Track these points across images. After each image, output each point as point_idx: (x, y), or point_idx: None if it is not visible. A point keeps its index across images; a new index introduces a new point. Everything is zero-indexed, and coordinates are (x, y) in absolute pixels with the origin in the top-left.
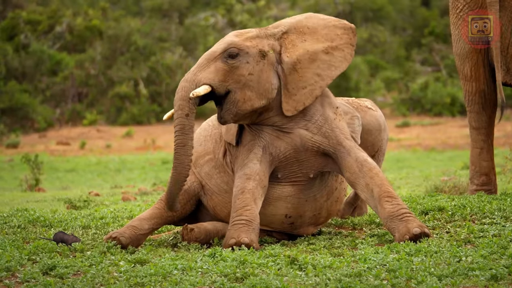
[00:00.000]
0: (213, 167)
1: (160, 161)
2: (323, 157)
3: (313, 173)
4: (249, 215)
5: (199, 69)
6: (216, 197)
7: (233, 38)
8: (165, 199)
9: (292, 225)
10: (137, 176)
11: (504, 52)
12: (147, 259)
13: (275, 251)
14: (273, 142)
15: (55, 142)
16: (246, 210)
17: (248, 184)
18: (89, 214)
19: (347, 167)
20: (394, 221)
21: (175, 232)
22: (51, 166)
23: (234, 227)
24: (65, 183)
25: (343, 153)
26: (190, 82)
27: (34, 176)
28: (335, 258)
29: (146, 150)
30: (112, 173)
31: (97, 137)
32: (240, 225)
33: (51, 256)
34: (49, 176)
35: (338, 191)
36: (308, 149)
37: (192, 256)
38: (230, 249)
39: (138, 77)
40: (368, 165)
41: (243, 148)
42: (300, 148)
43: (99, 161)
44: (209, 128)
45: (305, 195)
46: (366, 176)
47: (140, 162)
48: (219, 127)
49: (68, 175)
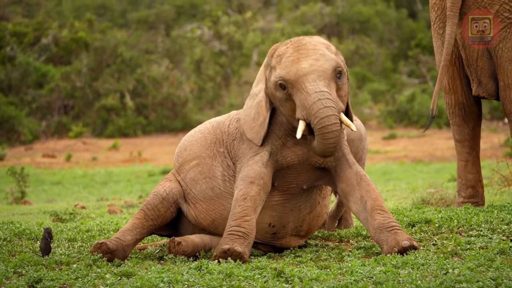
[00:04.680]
0: (199, 172)
1: (146, 173)
2: (322, 171)
3: (307, 185)
4: (247, 227)
5: (329, 89)
6: (200, 205)
7: (332, 55)
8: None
9: (274, 235)
10: (123, 189)
11: (474, 65)
12: (133, 272)
13: (261, 263)
14: (282, 150)
15: (41, 154)
16: (245, 221)
17: (251, 190)
18: (75, 227)
19: (345, 178)
20: (384, 232)
21: (161, 245)
22: (37, 178)
23: (230, 237)
24: (51, 195)
25: (345, 165)
26: (338, 110)
27: (20, 189)
28: (321, 270)
29: (132, 162)
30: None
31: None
32: (237, 236)
33: (37, 269)
34: (35, 188)
35: (320, 206)
36: (311, 163)
37: (178, 269)
38: (216, 262)
39: (124, 89)
40: (367, 180)
41: (250, 150)
42: (305, 161)
43: (85, 174)
44: (195, 134)
45: (291, 205)
46: (362, 189)
47: (126, 175)
48: (206, 132)
49: (54, 187)
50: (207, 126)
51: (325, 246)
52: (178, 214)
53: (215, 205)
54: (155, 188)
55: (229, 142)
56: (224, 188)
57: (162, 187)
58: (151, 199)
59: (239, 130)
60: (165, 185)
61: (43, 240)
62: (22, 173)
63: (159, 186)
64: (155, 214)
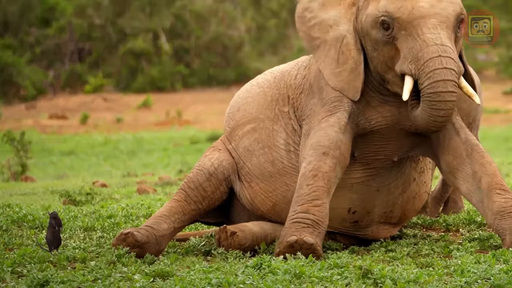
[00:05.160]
0: (256, 140)
1: (187, 140)
2: (418, 137)
3: (398, 156)
4: (317, 214)
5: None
6: (257, 184)
7: None
8: None
9: (356, 224)
10: (157, 161)
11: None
12: (171, 272)
13: (341, 260)
14: (365, 110)
15: (48, 115)
16: (315, 206)
17: (324, 164)
18: (93, 211)
19: (451, 148)
20: (506, 218)
21: (208, 236)
22: (43, 147)
23: (295, 226)
24: (61, 170)
25: (451, 131)
26: (458, 74)
27: (20, 161)
28: (422, 269)
29: (170, 125)
30: (124, 157)
31: (103, 108)
32: (304, 225)
33: (42, 268)
34: (40, 160)
35: (416, 184)
36: (404, 127)
37: (231, 268)
38: (281, 258)
39: (158, 28)
40: (479, 150)
41: (323, 108)
42: (395, 124)
43: (107, 141)
44: (251, 88)
45: (377, 183)
46: (475, 163)
47: (161, 142)
48: (267, 85)
49: (65, 159)
50: (268, 78)
51: (427, 237)
52: (229, 196)
53: (276, 184)
54: (200, 160)
55: (296, 97)
56: (288, 161)
57: (209, 159)
58: (195, 175)
59: (308, 79)
60: (213, 156)
61: (49, 229)
62: (23, 140)
63: (205, 158)
64: (200, 195)
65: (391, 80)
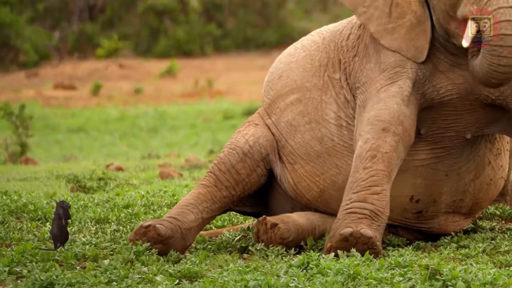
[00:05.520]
0: (300, 113)
1: (220, 114)
2: (496, 110)
3: (472, 133)
4: (377, 203)
5: None
6: (302, 166)
7: None
8: None
9: (420, 215)
10: (184, 140)
11: None
12: (200, 272)
13: (404, 258)
14: (432, 77)
15: (53, 84)
16: (374, 194)
17: (384, 142)
18: (107, 200)
19: None
20: None
21: (244, 229)
22: (47, 123)
23: (350, 217)
24: (68, 150)
25: None
26: None
27: (19, 140)
28: (500, 270)
29: (199, 97)
30: (144, 135)
31: (119, 77)
32: (361, 216)
33: (45, 267)
34: (43, 139)
35: (491, 168)
36: (479, 97)
37: (272, 267)
38: (332, 256)
39: None
40: None
41: (381, 74)
42: (469, 94)
43: (123, 115)
44: (295, 52)
45: (446, 167)
46: None
47: (189, 117)
48: (314, 48)
49: (73, 137)
50: (315, 39)
51: (506, 231)
52: (269, 180)
53: (325, 167)
54: (232, 137)
55: (348, 62)
56: (340, 138)
57: (243, 136)
58: (226, 155)
59: (363, 39)
60: (248, 132)
61: (55, 222)
62: (22, 114)
63: (239, 135)
64: (233, 178)
65: (454, 32)
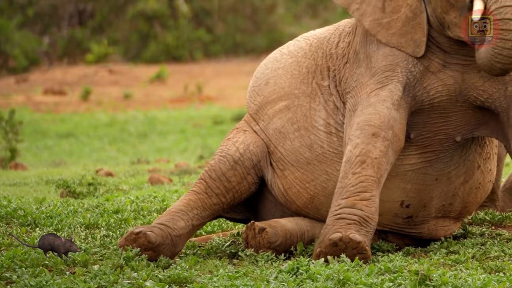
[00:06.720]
0: (289, 120)
1: (210, 120)
2: (486, 113)
3: (462, 136)
4: (365, 209)
5: None
6: (291, 172)
7: None
8: None
9: (410, 220)
10: (174, 145)
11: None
12: (190, 278)
13: (394, 264)
14: (423, 78)
15: (42, 89)
16: (363, 200)
17: (373, 147)
18: (97, 205)
19: None
20: None
21: (233, 235)
22: (36, 128)
23: (339, 223)
24: (58, 155)
25: None
26: None
27: (9, 145)
28: (491, 275)
29: (188, 102)
30: (134, 140)
31: (109, 82)
32: (350, 221)
33: (35, 273)
34: (33, 144)
35: (480, 172)
36: (469, 98)
37: (262, 273)
38: (322, 261)
39: None
40: None
41: (372, 78)
42: (458, 95)
43: (113, 121)
44: (282, 57)
45: (436, 171)
46: None
47: (178, 123)
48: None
49: (62, 142)
50: (302, 46)
51: (496, 237)
52: (259, 187)
53: (315, 173)
54: (222, 144)
55: (338, 69)
56: (329, 145)
57: (234, 144)
58: (217, 162)
59: (352, 45)
60: (238, 139)
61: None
62: (12, 120)
63: (229, 142)
64: (223, 186)
65: (452, 22)
